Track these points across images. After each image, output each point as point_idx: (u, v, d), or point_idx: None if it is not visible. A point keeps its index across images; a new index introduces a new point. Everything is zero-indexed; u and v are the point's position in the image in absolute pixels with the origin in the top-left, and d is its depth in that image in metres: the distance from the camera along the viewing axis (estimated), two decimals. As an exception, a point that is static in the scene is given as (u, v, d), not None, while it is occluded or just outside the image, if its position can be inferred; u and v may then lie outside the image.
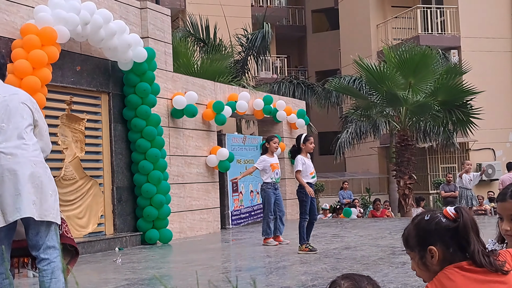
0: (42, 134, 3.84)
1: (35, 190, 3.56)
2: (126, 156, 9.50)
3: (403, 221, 12.68)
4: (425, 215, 1.96)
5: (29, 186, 3.54)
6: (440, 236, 1.89)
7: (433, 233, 1.90)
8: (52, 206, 3.63)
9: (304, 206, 7.70)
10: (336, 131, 21.93)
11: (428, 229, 1.91)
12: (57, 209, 3.71)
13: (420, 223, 1.95)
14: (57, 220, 3.67)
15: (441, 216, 1.92)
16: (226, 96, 12.13)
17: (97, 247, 8.53)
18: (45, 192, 3.61)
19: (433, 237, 1.90)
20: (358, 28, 24.44)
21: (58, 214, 3.70)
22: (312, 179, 7.81)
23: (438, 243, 1.89)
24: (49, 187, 3.66)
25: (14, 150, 3.58)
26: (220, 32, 16.72)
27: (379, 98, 14.88)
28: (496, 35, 21.97)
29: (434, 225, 1.91)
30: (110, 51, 8.86)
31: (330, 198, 20.47)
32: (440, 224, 1.90)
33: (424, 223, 1.93)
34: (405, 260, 6.60)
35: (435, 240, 1.89)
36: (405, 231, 2.00)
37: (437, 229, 1.90)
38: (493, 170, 21.34)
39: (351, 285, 2.06)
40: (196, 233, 10.76)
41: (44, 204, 3.59)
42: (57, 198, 3.73)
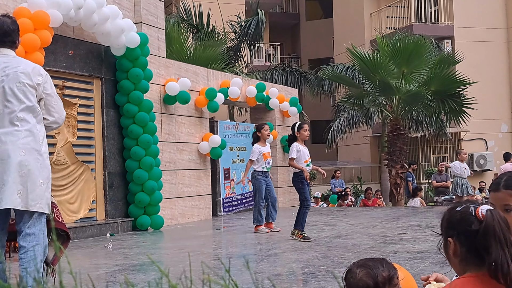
0: (49, 107, 3.71)
1: (21, 180, 3.51)
2: (118, 141, 9.47)
3: (394, 210, 12.74)
4: (460, 205, 1.89)
5: (15, 176, 3.50)
6: (458, 232, 1.83)
7: (455, 226, 1.85)
8: (40, 195, 3.58)
9: (304, 193, 7.71)
10: (329, 120, 21.95)
11: (453, 220, 1.86)
12: (48, 198, 3.66)
13: (451, 210, 1.90)
14: (44, 210, 3.62)
15: (473, 212, 1.83)
16: (218, 83, 12.10)
17: (88, 232, 8.52)
18: (33, 181, 3.55)
19: (453, 229, 1.85)
20: (352, 17, 24.39)
21: (47, 204, 3.65)
22: (307, 167, 7.80)
23: (455, 237, 1.84)
24: (39, 176, 3.59)
25: (4, 137, 3.54)
26: (213, 19, 16.64)
27: (371, 87, 14.88)
28: (490, 25, 21.99)
29: (458, 219, 1.85)
30: (103, 36, 8.80)
31: (322, 187, 20.53)
32: (464, 220, 1.83)
33: (453, 213, 1.88)
34: (396, 249, 6.64)
35: (454, 234, 1.84)
36: (443, 214, 1.95)
37: (459, 224, 1.84)
38: (485, 161, 21.46)
39: (366, 274, 2.08)
40: (187, 220, 10.77)
41: (31, 193, 3.54)
42: (49, 186, 3.68)
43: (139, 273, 5.60)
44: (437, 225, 7.04)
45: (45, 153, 3.70)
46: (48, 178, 3.67)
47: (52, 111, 3.72)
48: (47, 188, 3.65)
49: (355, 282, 2.08)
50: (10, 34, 3.73)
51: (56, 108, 3.74)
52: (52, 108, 3.72)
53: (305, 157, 7.80)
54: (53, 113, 3.72)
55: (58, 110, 3.76)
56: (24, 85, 3.60)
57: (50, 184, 3.72)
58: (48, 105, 3.70)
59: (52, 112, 3.71)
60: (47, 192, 3.65)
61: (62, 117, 3.80)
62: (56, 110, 3.74)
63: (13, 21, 3.81)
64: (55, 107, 3.73)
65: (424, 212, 11.99)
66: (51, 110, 3.72)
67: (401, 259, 5.95)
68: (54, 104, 3.73)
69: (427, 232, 8.20)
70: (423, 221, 9.71)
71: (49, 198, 3.68)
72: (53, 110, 3.72)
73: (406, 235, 8.01)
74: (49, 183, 3.70)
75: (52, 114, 3.71)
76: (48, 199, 3.66)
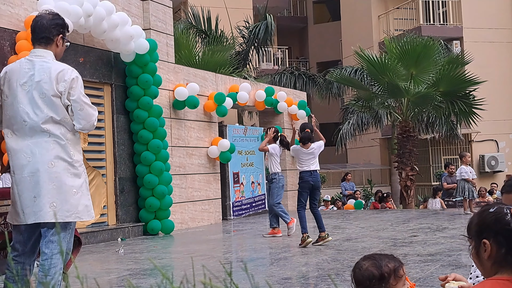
0: (76, 114, 3.55)
1: (54, 192, 3.46)
2: (129, 147, 9.55)
3: (404, 212, 12.72)
4: (492, 207, 1.86)
5: (47, 188, 3.45)
6: (496, 233, 1.79)
7: (491, 227, 1.81)
8: (75, 205, 3.52)
9: (299, 198, 7.74)
10: (337, 122, 21.94)
11: (487, 221, 1.82)
12: (86, 205, 3.59)
13: (483, 213, 1.86)
14: (82, 218, 3.57)
15: (508, 212, 1.81)
16: (227, 87, 12.16)
17: (100, 237, 8.59)
18: (66, 191, 3.49)
19: (489, 231, 1.81)
20: (360, 19, 24.38)
21: (86, 211, 3.59)
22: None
23: (492, 239, 1.80)
24: (72, 185, 3.52)
25: (34, 148, 3.48)
26: (221, 24, 16.71)
27: (380, 89, 14.88)
28: (498, 25, 21.91)
29: (494, 219, 1.81)
30: (113, 43, 8.88)
31: (332, 190, 20.52)
32: (501, 220, 1.80)
33: (486, 214, 1.84)
34: (407, 252, 6.65)
35: (490, 235, 1.80)
36: (470, 218, 1.92)
37: (496, 224, 1.80)
38: (496, 162, 21.34)
39: (371, 264, 2.15)
40: (197, 224, 10.82)
41: (66, 204, 3.49)
42: (84, 192, 3.60)
43: (150, 277, 5.64)
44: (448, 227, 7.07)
45: (77, 162, 3.59)
46: (82, 186, 3.59)
47: (79, 118, 3.58)
48: (83, 195, 3.58)
49: (361, 273, 2.14)
50: (44, 31, 3.59)
51: (82, 115, 3.58)
52: (79, 115, 3.57)
53: None
54: (80, 120, 3.59)
55: (85, 116, 3.59)
56: (48, 96, 3.50)
57: (87, 190, 3.63)
58: (75, 112, 3.57)
59: (79, 119, 3.58)
60: (84, 199, 3.58)
61: (90, 123, 3.64)
62: (83, 117, 3.58)
63: (53, 17, 3.66)
64: (82, 114, 3.57)
65: (435, 214, 11.96)
66: (78, 117, 3.58)
67: (411, 262, 5.95)
68: (80, 110, 3.57)
69: (438, 235, 8.19)
70: (434, 224, 9.69)
71: (88, 205, 3.61)
72: (80, 117, 3.58)
73: (416, 237, 8.00)
74: (86, 190, 3.62)
75: (79, 121, 3.59)
76: (87, 206, 3.60)
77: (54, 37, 3.65)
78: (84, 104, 3.60)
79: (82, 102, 3.59)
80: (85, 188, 3.64)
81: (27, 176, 3.48)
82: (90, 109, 3.64)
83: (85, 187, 3.64)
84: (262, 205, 13.25)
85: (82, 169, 3.66)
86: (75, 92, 3.57)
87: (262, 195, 13.25)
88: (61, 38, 3.71)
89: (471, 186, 11.56)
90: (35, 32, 3.65)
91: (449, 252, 6.55)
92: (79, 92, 3.60)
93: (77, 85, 3.60)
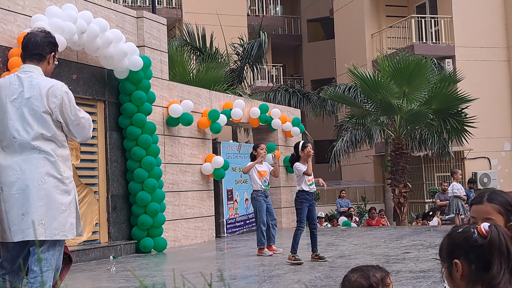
0: (73, 128, 3.60)
1: (42, 209, 3.46)
2: (121, 164, 9.53)
3: (398, 230, 12.71)
4: (460, 227, 1.90)
5: (36, 206, 3.44)
6: (465, 251, 1.83)
7: (460, 247, 1.85)
8: (63, 223, 3.52)
9: (299, 214, 7.71)
10: (332, 140, 22.00)
11: (457, 241, 1.86)
12: (71, 223, 3.58)
13: (452, 234, 1.90)
14: (68, 236, 3.57)
15: (475, 231, 1.85)
16: (221, 104, 12.19)
17: (92, 255, 8.54)
18: (55, 209, 3.49)
19: (459, 250, 1.84)
20: (353, 37, 24.57)
21: (71, 229, 3.58)
22: (311, 186, 7.78)
23: (463, 258, 1.83)
24: (61, 202, 3.53)
25: (23, 165, 3.47)
26: (216, 41, 16.81)
27: (373, 106, 14.95)
28: (491, 44, 22.11)
29: (463, 239, 1.85)
30: (106, 60, 8.91)
31: (326, 207, 20.51)
32: (469, 239, 1.84)
33: (455, 235, 1.88)
34: (399, 269, 6.64)
35: (461, 254, 1.83)
36: (441, 241, 1.96)
37: (465, 243, 1.84)
38: (488, 179, 21.41)
39: (360, 275, 2.21)
40: (190, 242, 10.78)
41: (54, 222, 3.48)
42: (72, 210, 3.60)
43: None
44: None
45: (67, 178, 3.60)
46: (71, 203, 3.59)
47: (73, 133, 3.62)
48: (71, 213, 3.58)
49: (351, 285, 2.18)
50: (38, 48, 3.62)
51: (79, 129, 3.61)
52: (76, 130, 3.62)
53: (308, 177, 7.81)
54: (73, 134, 3.63)
55: (79, 131, 3.63)
56: (38, 113, 3.51)
57: (74, 207, 3.63)
58: (72, 127, 3.60)
59: (77, 133, 3.63)
60: (71, 217, 3.58)
61: (85, 137, 3.70)
62: (76, 131, 3.62)
63: (46, 35, 3.70)
64: (78, 128, 3.61)
65: (427, 231, 11.96)
66: (76, 131, 3.62)
67: (403, 279, 5.95)
68: (77, 125, 3.60)
69: (430, 251, 8.19)
70: (427, 240, 9.69)
71: (73, 223, 3.61)
72: (77, 131, 3.62)
73: (409, 254, 8.00)
74: (73, 207, 3.62)
75: (77, 135, 3.64)
76: (72, 224, 3.60)
77: (47, 55, 3.69)
78: (80, 119, 3.64)
79: (77, 117, 3.62)
80: (73, 205, 3.64)
81: (16, 193, 3.47)
82: (86, 122, 3.69)
83: (73, 204, 3.65)
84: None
85: (72, 185, 3.66)
86: (69, 108, 3.59)
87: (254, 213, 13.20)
88: (53, 56, 3.75)
89: (463, 202, 11.62)
90: (28, 48, 3.68)
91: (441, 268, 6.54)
92: (73, 107, 3.62)
93: (69, 100, 3.62)
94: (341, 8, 25.77)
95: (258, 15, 25.80)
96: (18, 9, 7.82)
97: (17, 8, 7.80)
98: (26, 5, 7.93)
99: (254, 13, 26.43)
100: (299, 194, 7.76)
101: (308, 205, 7.73)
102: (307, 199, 7.72)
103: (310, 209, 7.77)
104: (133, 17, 9.95)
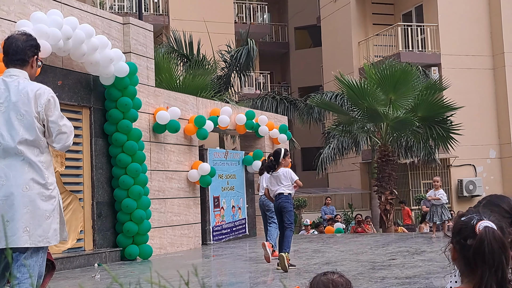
0: (54, 134, 3.55)
1: (27, 216, 3.43)
2: (107, 170, 9.47)
3: (384, 236, 12.74)
4: (466, 214, 1.93)
5: (20, 212, 3.42)
6: (456, 242, 1.89)
7: (455, 234, 1.91)
8: (46, 229, 3.50)
9: (293, 216, 7.83)
10: (319, 147, 22.02)
11: (455, 228, 1.92)
12: (55, 229, 3.56)
13: (459, 218, 1.95)
14: (51, 242, 3.54)
15: (472, 224, 1.86)
16: (208, 111, 12.17)
17: (76, 262, 8.46)
18: (39, 215, 3.47)
19: (454, 237, 1.91)
20: (340, 45, 24.68)
21: (54, 235, 3.56)
22: None
23: (454, 245, 1.90)
24: (45, 209, 3.50)
25: (8, 171, 3.45)
26: (203, 48, 16.80)
27: (360, 114, 15.01)
28: (476, 52, 22.30)
29: (459, 229, 1.90)
30: (92, 66, 8.87)
31: (313, 214, 20.50)
32: (463, 232, 1.88)
33: (458, 221, 1.93)
34: (385, 275, 6.64)
35: (453, 242, 1.91)
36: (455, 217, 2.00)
37: (458, 234, 1.89)
38: (474, 186, 21.54)
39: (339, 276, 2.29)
40: (176, 249, 10.72)
41: (38, 229, 3.46)
42: (56, 216, 3.58)
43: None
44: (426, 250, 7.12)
45: (51, 184, 3.57)
46: (55, 209, 3.56)
47: (57, 139, 3.58)
48: (54, 219, 3.56)
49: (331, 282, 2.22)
50: (19, 53, 3.58)
51: (60, 136, 3.57)
52: (57, 137, 3.58)
53: None
54: (58, 140, 3.59)
55: (60, 139, 3.59)
56: (25, 117, 3.48)
57: (57, 214, 3.60)
58: (53, 133, 3.56)
59: (57, 140, 3.59)
60: (54, 223, 3.56)
61: (67, 144, 3.65)
62: (61, 138, 3.58)
63: (27, 39, 3.64)
64: (59, 135, 3.57)
65: (414, 238, 11.99)
66: (56, 138, 3.58)
67: (389, 285, 5.95)
68: (58, 131, 3.57)
69: (416, 258, 8.21)
70: (413, 247, 9.71)
71: (56, 229, 3.58)
72: (58, 138, 3.58)
73: (395, 261, 8.01)
74: (57, 213, 3.59)
75: (57, 141, 3.59)
76: (55, 230, 3.57)
77: (29, 59, 3.65)
78: (62, 126, 3.60)
79: (60, 124, 3.59)
80: (56, 211, 3.62)
81: (0, 200, 3.43)
82: (68, 130, 3.64)
83: (57, 210, 3.62)
84: (243, 229, 13.19)
85: (56, 191, 3.64)
86: (53, 114, 3.56)
87: (243, 219, 13.20)
88: (35, 59, 3.72)
89: (439, 210, 11.69)
90: (9, 53, 3.64)
91: (427, 275, 6.56)
92: (57, 114, 3.60)
93: (54, 105, 3.59)
94: (328, 16, 25.89)
95: (246, 23, 25.83)
96: (3, 14, 7.77)
97: (1, 14, 7.75)
98: (10, 10, 7.88)
99: (241, 21, 26.47)
100: (290, 196, 7.82)
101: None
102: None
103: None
104: (119, 23, 9.92)
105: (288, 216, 7.67)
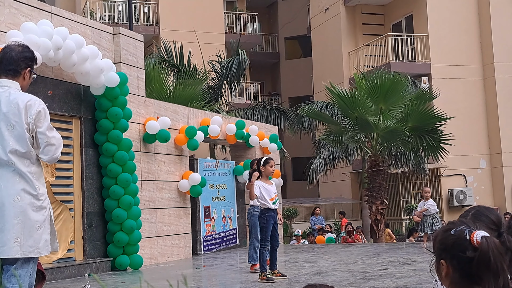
0: (42, 145, 3.53)
1: (18, 227, 3.43)
2: (97, 181, 9.44)
3: (375, 246, 12.75)
4: (455, 228, 1.84)
5: (11, 223, 3.41)
6: (452, 257, 1.80)
7: (448, 250, 1.82)
8: (37, 240, 3.49)
9: (265, 232, 7.43)
10: (309, 157, 22.08)
11: (447, 243, 1.83)
12: (46, 239, 3.55)
13: (446, 232, 1.86)
14: (42, 253, 3.54)
15: (467, 237, 1.79)
16: (198, 121, 12.17)
17: (67, 273, 8.40)
18: (30, 226, 3.47)
19: (447, 253, 1.82)
20: (331, 55, 24.81)
21: (45, 246, 3.55)
22: (273, 205, 7.50)
23: (449, 261, 1.81)
24: (36, 220, 3.50)
25: None
26: (194, 58, 16.83)
27: (350, 123, 15.06)
28: (466, 62, 22.49)
29: (452, 243, 1.81)
30: (82, 76, 8.85)
31: (304, 224, 20.50)
32: (459, 246, 1.79)
33: (447, 236, 1.84)
34: (376, 285, 6.65)
35: (447, 257, 1.81)
36: (435, 232, 1.91)
37: (453, 249, 1.80)
38: (464, 196, 21.65)
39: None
40: (167, 259, 10.67)
41: (29, 240, 3.46)
42: (47, 227, 3.57)
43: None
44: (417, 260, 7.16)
45: (42, 195, 3.56)
46: (46, 220, 3.56)
47: (45, 151, 3.56)
48: (45, 230, 3.55)
49: None
50: (12, 63, 3.57)
51: (48, 148, 3.55)
52: (45, 148, 3.55)
53: (271, 195, 7.49)
54: (46, 152, 3.57)
55: (48, 150, 3.56)
56: (15, 128, 3.47)
57: (49, 224, 3.59)
58: (41, 144, 3.54)
59: (45, 152, 3.56)
60: (45, 233, 3.55)
61: (55, 156, 3.61)
62: (49, 149, 3.56)
63: (22, 50, 3.64)
64: (48, 147, 3.55)
65: (404, 248, 12.02)
66: (44, 150, 3.56)
67: (379, 295, 5.95)
68: (46, 143, 3.54)
69: (407, 268, 8.22)
70: (403, 257, 9.73)
71: (47, 240, 3.57)
72: (46, 150, 3.55)
73: (385, 271, 8.02)
74: (48, 224, 3.58)
75: (45, 153, 3.56)
76: (46, 241, 3.56)
77: (21, 70, 3.64)
78: (51, 138, 3.58)
79: (49, 135, 3.57)
80: (47, 222, 3.61)
81: None
82: (56, 142, 3.62)
83: (48, 221, 3.62)
84: (233, 239, 13.15)
85: (47, 202, 3.63)
86: (42, 125, 3.55)
87: (234, 229, 13.17)
88: (28, 72, 3.71)
89: (430, 220, 11.72)
90: (2, 63, 3.64)
91: (417, 285, 6.57)
92: (46, 125, 3.58)
93: (44, 117, 3.58)
94: (318, 26, 26.04)
95: (236, 33, 25.92)
96: (-7, 24, 7.76)
97: (-9, 24, 7.73)
98: (1, 20, 7.86)
99: (232, 31, 26.56)
100: (264, 211, 7.49)
101: (273, 222, 7.49)
102: (272, 216, 7.50)
103: (274, 227, 7.54)
104: (110, 34, 9.93)
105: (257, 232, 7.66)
